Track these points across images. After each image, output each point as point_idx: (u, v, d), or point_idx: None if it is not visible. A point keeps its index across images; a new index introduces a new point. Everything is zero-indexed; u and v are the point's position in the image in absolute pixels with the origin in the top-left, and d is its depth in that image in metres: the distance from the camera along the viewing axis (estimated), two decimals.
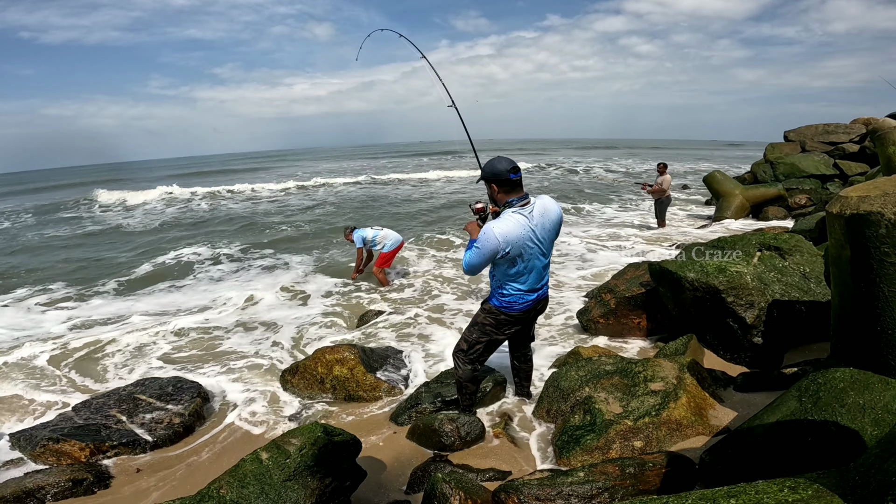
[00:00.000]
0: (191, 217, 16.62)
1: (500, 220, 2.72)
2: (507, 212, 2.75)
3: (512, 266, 2.79)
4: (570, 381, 3.26)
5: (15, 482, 2.95)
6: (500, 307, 2.97)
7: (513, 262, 2.77)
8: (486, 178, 2.80)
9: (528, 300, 2.93)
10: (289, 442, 2.42)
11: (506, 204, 2.76)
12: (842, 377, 2.12)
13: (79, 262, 10.35)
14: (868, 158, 13.81)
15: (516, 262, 2.77)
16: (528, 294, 2.91)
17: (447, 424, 3.03)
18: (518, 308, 2.94)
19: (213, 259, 9.97)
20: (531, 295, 2.93)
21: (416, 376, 4.23)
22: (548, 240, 2.84)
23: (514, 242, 2.68)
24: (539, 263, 2.85)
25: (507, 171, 2.69)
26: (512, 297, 2.91)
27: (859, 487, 1.32)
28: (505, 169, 2.70)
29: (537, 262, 2.84)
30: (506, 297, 2.93)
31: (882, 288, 2.00)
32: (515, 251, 2.71)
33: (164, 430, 3.47)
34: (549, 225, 2.82)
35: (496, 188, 2.76)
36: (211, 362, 4.93)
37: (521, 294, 2.90)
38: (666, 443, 2.69)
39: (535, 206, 2.77)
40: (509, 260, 2.75)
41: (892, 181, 2.14)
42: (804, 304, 3.66)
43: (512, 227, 2.68)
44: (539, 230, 2.77)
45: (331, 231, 12.37)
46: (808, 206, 11.69)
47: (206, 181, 30.59)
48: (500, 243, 2.65)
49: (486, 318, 3.03)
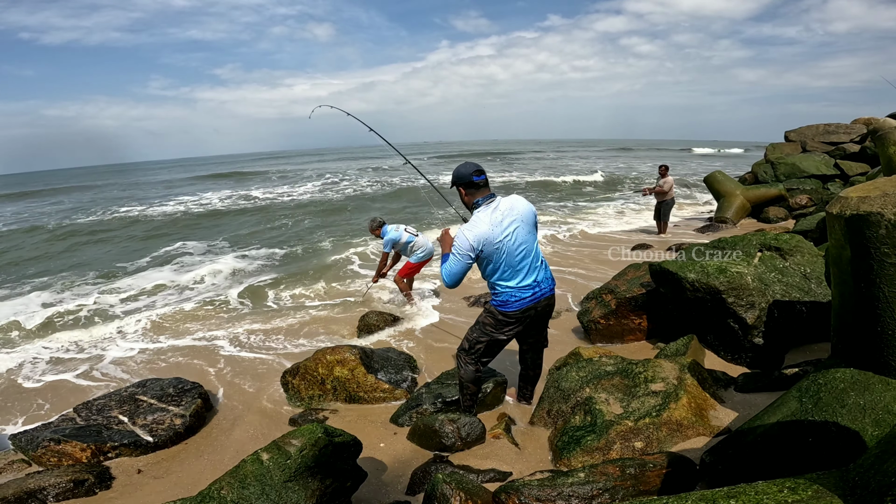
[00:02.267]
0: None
1: (469, 223, 2.86)
2: (475, 213, 2.88)
3: (490, 263, 2.87)
4: (570, 381, 3.26)
5: (16, 483, 2.95)
6: (496, 307, 3.00)
7: (489, 260, 2.86)
8: (454, 183, 2.95)
9: (523, 298, 2.94)
10: (289, 443, 2.42)
11: (473, 205, 2.90)
12: (842, 378, 2.12)
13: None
14: (869, 158, 13.80)
15: (493, 258, 2.85)
16: (521, 291, 2.93)
17: (448, 425, 3.03)
18: (514, 307, 2.95)
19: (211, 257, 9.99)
20: (525, 292, 2.94)
21: (416, 377, 4.23)
22: (522, 234, 2.88)
23: (484, 239, 2.78)
24: (519, 258, 2.89)
25: (471, 175, 2.86)
26: (503, 295, 2.95)
27: (859, 488, 1.32)
28: (468, 172, 2.87)
29: (517, 258, 2.88)
30: (499, 296, 2.97)
31: (882, 288, 2.00)
32: (489, 248, 2.81)
33: (165, 431, 3.48)
34: (520, 218, 2.88)
35: (463, 191, 2.92)
36: (211, 362, 4.94)
37: (512, 291, 2.93)
38: (666, 443, 2.68)
39: (500, 203, 2.89)
40: (486, 258, 2.85)
41: (892, 181, 2.14)
42: (805, 304, 3.65)
43: (479, 226, 2.80)
44: (508, 224, 2.84)
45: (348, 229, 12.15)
46: (808, 206, 11.68)
47: (241, 194, 24.12)
48: (471, 245, 2.77)
49: (487, 317, 3.06)
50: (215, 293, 7.52)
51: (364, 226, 8.55)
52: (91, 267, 9.95)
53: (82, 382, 4.74)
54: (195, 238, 12.60)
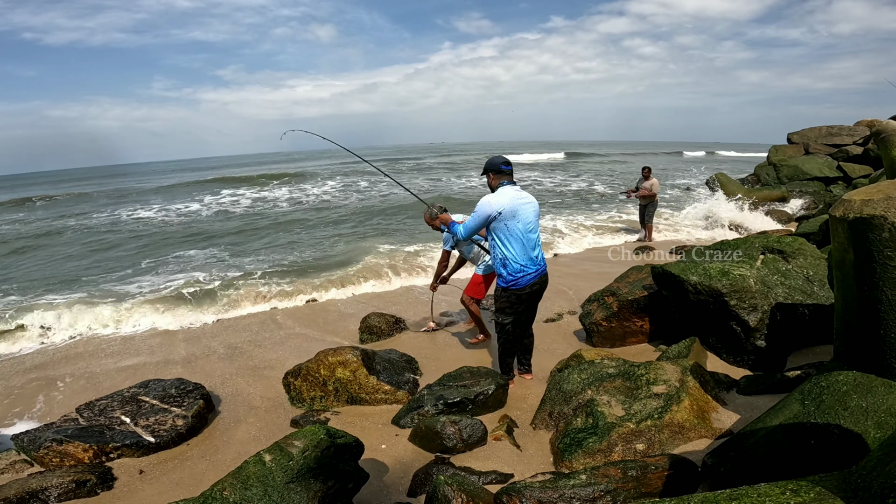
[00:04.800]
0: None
1: (494, 194, 3.52)
2: (499, 189, 3.53)
3: (506, 230, 3.43)
4: (572, 383, 3.26)
5: (19, 483, 2.96)
6: (507, 286, 3.51)
7: (506, 225, 3.43)
8: (487, 170, 3.63)
9: (531, 273, 3.51)
10: (291, 444, 2.42)
11: (498, 185, 3.56)
12: (845, 380, 2.12)
13: None
14: (872, 161, 13.78)
15: (509, 225, 3.43)
16: (528, 267, 3.49)
17: (449, 427, 3.03)
18: (524, 282, 3.49)
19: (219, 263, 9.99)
20: (530, 267, 3.50)
21: (418, 379, 4.23)
22: (533, 214, 3.55)
23: (505, 206, 3.41)
24: (529, 230, 3.50)
25: (501, 164, 3.59)
26: (513, 266, 3.46)
27: (861, 490, 1.32)
28: (499, 162, 3.61)
29: (528, 230, 3.49)
30: (510, 271, 3.48)
31: (885, 291, 2.00)
32: (508, 212, 3.42)
33: (167, 432, 3.48)
34: (533, 203, 3.61)
35: (492, 176, 3.60)
36: (211, 363, 4.95)
37: (522, 267, 3.47)
38: (668, 445, 2.68)
39: (519, 187, 3.62)
40: (503, 222, 3.42)
41: (895, 185, 2.14)
42: (807, 307, 3.65)
43: (503, 196, 3.46)
44: (526, 203, 3.53)
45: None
46: (811, 208, 11.67)
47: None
48: (494, 208, 3.42)
49: (502, 302, 3.59)
50: (217, 293, 7.53)
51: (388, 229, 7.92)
52: (108, 268, 9.96)
53: (84, 383, 4.75)
54: (214, 246, 12.08)
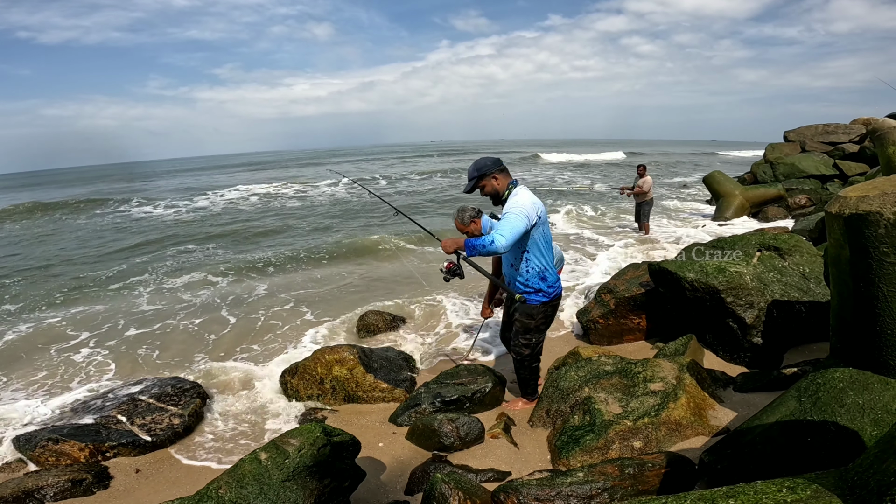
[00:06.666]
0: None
1: (515, 198, 2.93)
2: (514, 191, 2.99)
3: (542, 235, 3.03)
4: (569, 381, 3.26)
5: (14, 482, 2.95)
6: (547, 301, 3.13)
7: (542, 231, 3.02)
8: (485, 173, 3.00)
9: (557, 284, 3.19)
10: (287, 442, 2.42)
11: (510, 185, 3.03)
12: (841, 377, 2.12)
13: None
14: (868, 159, 13.82)
15: (545, 229, 3.05)
16: (555, 275, 3.18)
17: (447, 425, 3.03)
18: (557, 291, 3.19)
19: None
20: (556, 277, 3.18)
21: (415, 377, 4.23)
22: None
23: (541, 209, 2.98)
24: (549, 235, 3.13)
25: (498, 162, 3.05)
26: (554, 278, 3.13)
27: (858, 487, 1.32)
28: (495, 161, 3.05)
29: (549, 235, 3.12)
30: (551, 283, 3.12)
31: (881, 288, 2.00)
32: (545, 216, 3.02)
33: (163, 431, 3.47)
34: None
35: (498, 177, 3.01)
36: (211, 363, 4.93)
37: (556, 275, 3.17)
38: (665, 443, 2.68)
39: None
40: (541, 226, 3.00)
41: (891, 181, 2.14)
42: (804, 304, 3.66)
43: (527, 198, 2.93)
44: (542, 205, 3.04)
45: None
46: (807, 206, 11.70)
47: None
48: (529, 211, 2.86)
49: (537, 320, 3.18)
50: (219, 294, 7.51)
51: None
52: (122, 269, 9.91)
53: (83, 382, 4.72)
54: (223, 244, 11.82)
